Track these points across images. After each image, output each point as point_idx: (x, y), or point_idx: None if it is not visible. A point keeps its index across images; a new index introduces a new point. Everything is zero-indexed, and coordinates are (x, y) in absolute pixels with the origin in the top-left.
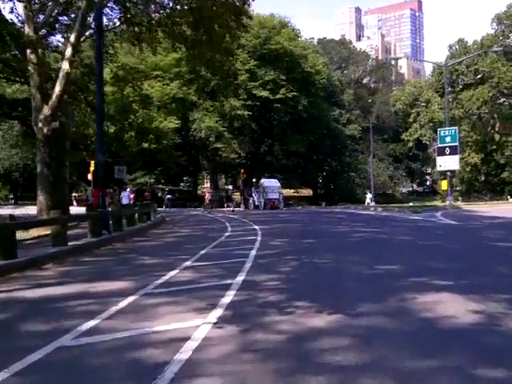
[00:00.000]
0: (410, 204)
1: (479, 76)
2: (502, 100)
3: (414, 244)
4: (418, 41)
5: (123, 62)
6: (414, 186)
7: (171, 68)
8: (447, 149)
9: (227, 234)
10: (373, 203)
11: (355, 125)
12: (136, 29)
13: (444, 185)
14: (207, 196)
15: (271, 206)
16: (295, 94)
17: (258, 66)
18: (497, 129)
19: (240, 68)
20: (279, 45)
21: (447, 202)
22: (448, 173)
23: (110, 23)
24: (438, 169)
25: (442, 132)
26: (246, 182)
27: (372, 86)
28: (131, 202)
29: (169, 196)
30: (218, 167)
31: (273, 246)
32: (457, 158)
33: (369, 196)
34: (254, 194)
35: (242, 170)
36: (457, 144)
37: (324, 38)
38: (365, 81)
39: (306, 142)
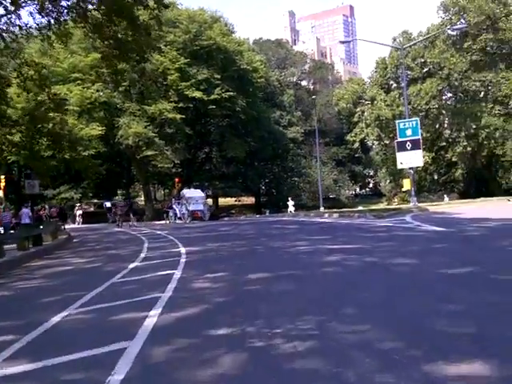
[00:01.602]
0: (360, 208)
1: (426, 69)
2: (449, 95)
3: (443, 278)
4: (351, 46)
5: (30, 59)
6: (357, 189)
7: (92, 69)
8: (408, 143)
9: (134, 264)
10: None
11: (297, 127)
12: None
13: (406, 184)
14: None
15: (195, 217)
16: (232, 93)
17: (189, 65)
18: (446, 125)
19: (169, 67)
20: (211, 40)
21: (411, 204)
22: (410, 170)
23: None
24: (399, 166)
25: (401, 124)
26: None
27: (312, 87)
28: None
29: (79, 211)
30: (151, 177)
31: (197, 295)
32: (420, 153)
33: (291, 203)
34: (174, 206)
35: (177, 179)
36: (419, 137)
37: (260, 39)
38: (304, 82)
39: (245, 147)
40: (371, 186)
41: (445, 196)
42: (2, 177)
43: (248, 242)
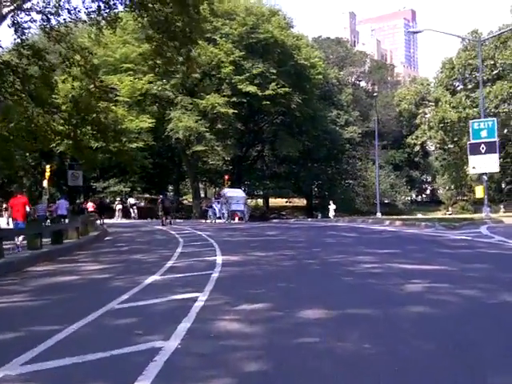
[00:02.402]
0: (420, 215)
1: (496, 71)
2: None
3: None
4: (412, 51)
5: (75, 43)
6: (413, 195)
7: (144, 60)
8: (483, 146)
9: (153, 278)
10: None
11: (354, 127)
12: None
13: (479, 192)
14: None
15: (235, 218)
16: (287, 89)
17: (244, 58)
18: None
19: (223, 60)
20: (269, 33)
21: (483, 214)
22: (484, 176)
23: None
24: (472, 171)
25: (475, 124)
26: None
27: (370, 88)
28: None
29: (119, 206)
30: (200, 174)
31: (218, 351)
32: (495, 157)
33: (332, 207)
34: (214, 205)
35: (227, 177)
36: (495, 139)
37: (319, 37)
38: (362, 83)
39: (299, 146)
40: (428, 192)
41: (501, 206)
42: (48, 166)
43: (298, 252)
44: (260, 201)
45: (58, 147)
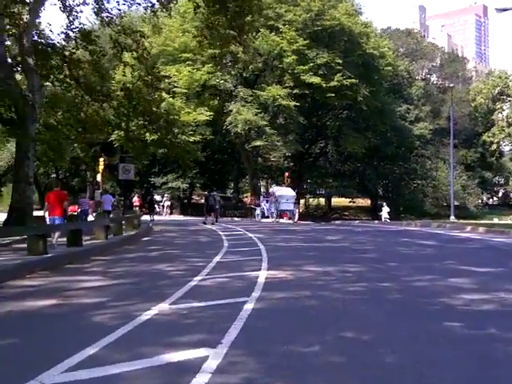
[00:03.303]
0: (496, 220)
1: None
2: None
3: None
4: (483, 48)
5: (124, 25)
6: (484, 197)
7: (204, 50)
8: None
9: (162, 306)
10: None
11: (425, 123)
12: None
13: None
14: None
15: (285, 217)
16: (354, 81)
17: (308, 47)
18: None
19: (286, 49)
20: (335, 20)
21: None
22: None
23: None
24: None
25: None
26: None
27: (441, 83)
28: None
29: (168, 202)
30: (260, 171)
31: None
32: None
33: (385, 210)
34: (263, 204)
35: (287, 174)
36: None
37: (388, 28)
38: (433, 77)
39: (365, 143)
40: (500, 195)
41: None
42: (101, 160)
43: (368, 268)
44: (322, 200)
45: (111, 138)
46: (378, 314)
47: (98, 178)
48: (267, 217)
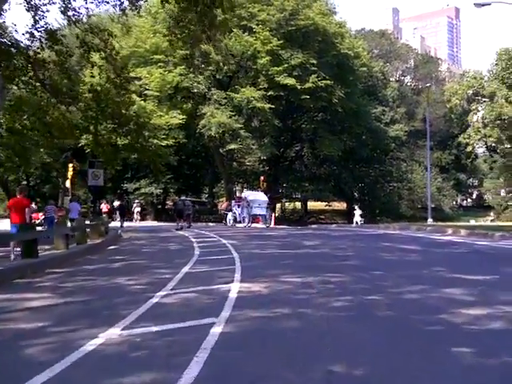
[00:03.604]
0: (473, 222)
1: None
2: None
3: None
4: (455, 50)
5: (91, 24)
6: (458, 199)
7: (175, 51)
8: None
9: (104, 337)
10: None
11: (400, 125)
12: None
13: None
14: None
15: (256, 222)
16: (328, 82)
17: (282, 47)
18: None
19: (260, 49)
20: (309, 20)
21: None
22: None
23: None
24: None
25: None
26: (265, 193)
27: (415, 84)
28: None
29: (138, 208)
30: (234, 175)
31: None
32: None
33: (357, 213)
34: (234, 208)
35: (262, 178)
36: None
37: (362, 29)
38: (407, 79)
39: (341, 145)
40: (474, 197)
41: None
42: (70, 165)
43: (351, 278)
44: (298, 204)
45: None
46: (369, 339)
47: (67, 184)
48: (239, 222)
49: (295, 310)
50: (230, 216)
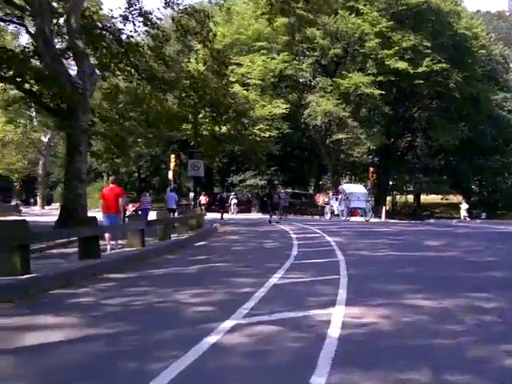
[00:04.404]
0: None
1: None
2: None
3: None
4: None
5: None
6: None
7: (278, 37)
8: None
9: None
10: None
11: None
12: None
13: None
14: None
15: (356, 215)
16: (444, 66)
17: (392, 29)
18: None
19: (368, 31)
20: None
21: None
22: None
23: None
24: None
25: None
26: (375, 186)
27: None
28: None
29: (235, 200)
30: (341, 166)
31: None
32: None
33: (464, 207)
34: (332, 202)
35: (372, 169)
36: None
37: (478, 11)
38: None
39: (458, 134)
40: None
41: None
42: (172, 156)
43: (510, 304)
44: (409, 197)
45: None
46: None
47: (170, 175)
48: (337, 215)
49: (439, 377)
50: (327, 209)
